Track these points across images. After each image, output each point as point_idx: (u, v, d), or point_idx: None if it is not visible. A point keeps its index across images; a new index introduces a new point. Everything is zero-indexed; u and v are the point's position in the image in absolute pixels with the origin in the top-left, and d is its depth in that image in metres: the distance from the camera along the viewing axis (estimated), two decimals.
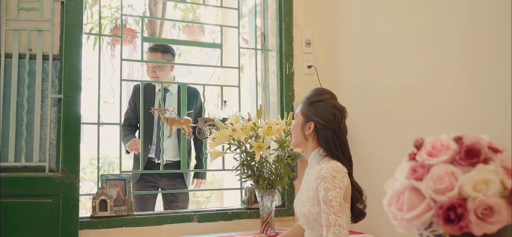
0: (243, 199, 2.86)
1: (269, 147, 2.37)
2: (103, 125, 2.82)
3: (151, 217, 2.59)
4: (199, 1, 4.07)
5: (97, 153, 2.68)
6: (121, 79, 2.77)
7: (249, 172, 2.44)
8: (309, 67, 2.98)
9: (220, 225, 2.70)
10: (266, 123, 2.36)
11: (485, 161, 0.82)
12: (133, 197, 2.67)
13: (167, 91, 3.30)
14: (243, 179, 2.51)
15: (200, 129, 2.84)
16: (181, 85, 2.94)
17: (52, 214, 2.30)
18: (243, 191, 2.87)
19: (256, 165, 2.42)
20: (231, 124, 2.40)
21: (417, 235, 0.85)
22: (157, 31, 5.35)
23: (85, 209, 4.55)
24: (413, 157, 0.90)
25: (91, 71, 4.75)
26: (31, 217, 2.27)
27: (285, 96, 2.93)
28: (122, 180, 2.59)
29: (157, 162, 3.23)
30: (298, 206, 1.89)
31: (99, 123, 2.65)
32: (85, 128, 4.96)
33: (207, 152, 2.83)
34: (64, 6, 2.44)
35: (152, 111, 2.80)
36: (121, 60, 2.79)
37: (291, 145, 2.18)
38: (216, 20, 5.65)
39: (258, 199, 2.46)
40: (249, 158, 2.41)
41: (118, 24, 4.56)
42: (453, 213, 0.78)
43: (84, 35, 2.50)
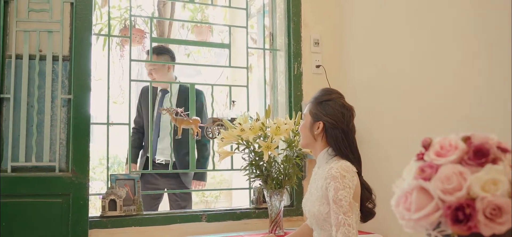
0: (251, 199, 2.86)
1: (277, 147, 2.38)
2: (112, 125, 2.84)
3: (160, 217, 2.61)
4: (207, 1, 4.08)
5: (106, 153, 2.70)
6: (130, 80, 2.78)
7: (258, 172, 2.44)
8: (318, 66, 2.97)
9: (229, 225, 2.70)
10: (274, 123, 2.36)
11: (494, 161, 0.81)
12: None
13: (166, 92, 3.30)
14: (251, 179, 2.51)
15: (208, 129, 2.85)
16: (190, 85, 2.95)
17: (62, 214, 2.32)
18: (251, 191, 2.87)
19: (265, 165, 2.42)
20: (240, 124, 2.40)
21: (425, 236, 0.84)
22: (166, 32, 5.38)
23: (94, 209, 4.57)
24: (421, 157, 0.89)
25: (100, 71, 4.77)
26: (41, 216, 2.30)
27: (293, 96, 2.92)
28: (131, 180, 2.60)
29: (158, 162, 3.26)
30: (307, 206, 1.89)
31: (108, 123, 2.66)
32: (95, 128, 4.99)
33: (215, 152, 2.83)
34: (73, 7, 2.46)
35: (160, 110, 2.81)
36: (130, 60, 2.81)
37: (299, 145, 2.18)
38: (224, 20, 5.66)
39: (267, 199, 2.46)
40: (257, 158, 2.42)
41: (127, 25, 4.58)
42: (461, 213, 0.78)
43: (93, 36, 2.52)
